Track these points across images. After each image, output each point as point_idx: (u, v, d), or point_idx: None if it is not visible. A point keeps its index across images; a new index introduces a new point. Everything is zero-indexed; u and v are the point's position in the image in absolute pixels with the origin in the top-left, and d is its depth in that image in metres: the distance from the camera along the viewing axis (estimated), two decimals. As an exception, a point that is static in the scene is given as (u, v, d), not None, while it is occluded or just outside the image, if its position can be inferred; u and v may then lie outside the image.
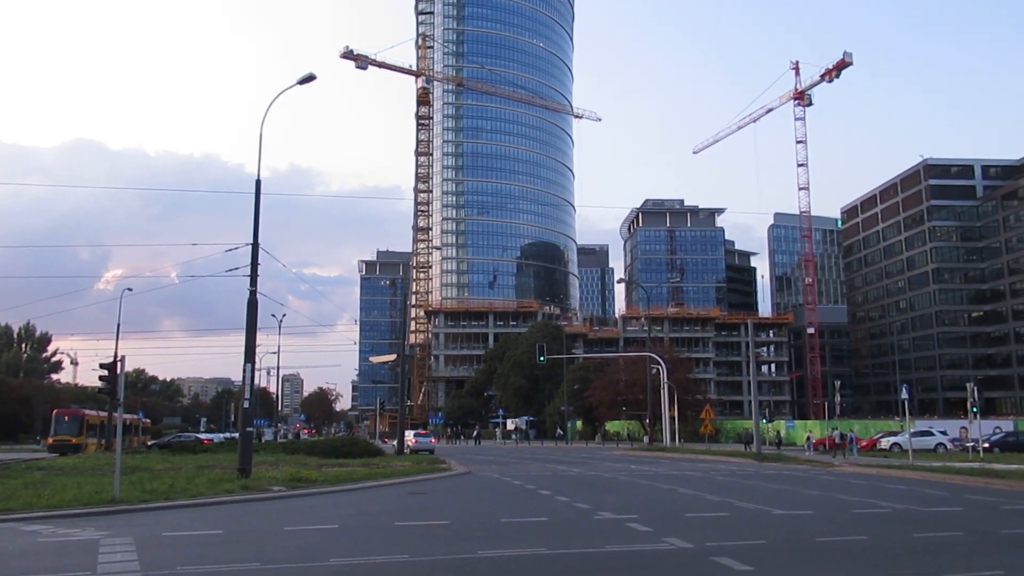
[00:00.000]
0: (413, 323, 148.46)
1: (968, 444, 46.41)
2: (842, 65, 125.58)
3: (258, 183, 25.88)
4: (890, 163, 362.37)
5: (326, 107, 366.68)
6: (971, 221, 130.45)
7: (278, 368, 71.55)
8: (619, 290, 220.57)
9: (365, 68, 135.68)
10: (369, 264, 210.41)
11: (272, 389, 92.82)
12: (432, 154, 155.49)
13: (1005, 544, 12.72)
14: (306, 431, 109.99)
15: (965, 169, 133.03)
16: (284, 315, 64.99)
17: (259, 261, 25.28)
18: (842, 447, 45.92)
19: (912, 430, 46.81)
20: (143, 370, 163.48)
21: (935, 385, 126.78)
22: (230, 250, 27.17)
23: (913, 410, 59.34)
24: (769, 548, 12.08)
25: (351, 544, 12.64)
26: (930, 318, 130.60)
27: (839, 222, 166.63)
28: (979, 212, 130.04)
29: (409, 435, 55.96)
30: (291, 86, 26.30)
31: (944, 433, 53.32)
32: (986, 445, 46.09)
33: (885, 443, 51.21)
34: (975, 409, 40.16)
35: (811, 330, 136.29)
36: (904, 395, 38.37)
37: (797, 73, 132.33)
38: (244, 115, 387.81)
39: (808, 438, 55.26)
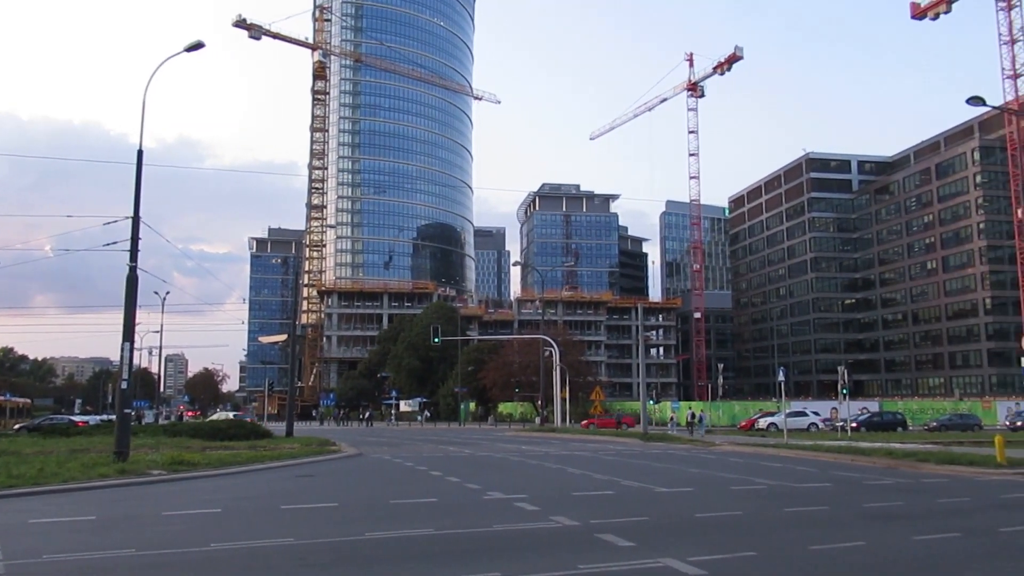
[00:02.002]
0: (305, 303, 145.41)
1: (838, 424, 49.34)
2: (733, 59, 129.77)
3: (140, 153, 24.69)
4: (776, 155, 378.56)
5: (218, 78, 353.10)
6: (847, 213, 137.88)
7: (160, 348, 68.85)
8: (515, 273, 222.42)
9: (259, 38, 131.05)
10: (260, 241, 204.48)
11: (154, 370, 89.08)
12: (328, 130, 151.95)
13: (867, 516, 13.56)
14: (190, 413, 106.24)
15: (843, 164, 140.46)
16: (168, 292, 62.47)
17: (140, 235, 24.15)
18: (691, 425, 51.13)
19: (788, 411, 49.33)
20: (11, 348, 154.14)
21: (810, 368, 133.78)
22: (109, 223, 25.89)
23: (789, 392, 62.74)
24: (651, 524, 12.48)
25: (234, 528, 12.31)
26: (807, 304, 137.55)
27: (727, 211, 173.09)
28: (854, 205, 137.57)
29: (228, 414, 60.91)
30: (178, 53, 25.14)
31: (817, 414, 56.34)
32: (854, 425, 49.23)
33: (763, 423, 53.78)
34: (845, 391, 42.61)
35: (698, 315, 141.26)
36: (781, 377, 40.38)
37: (691, 65, 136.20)
38: (129, 82, 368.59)
39: (672, 419, 58.51)
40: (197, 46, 25.01)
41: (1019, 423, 53.60)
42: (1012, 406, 65.00)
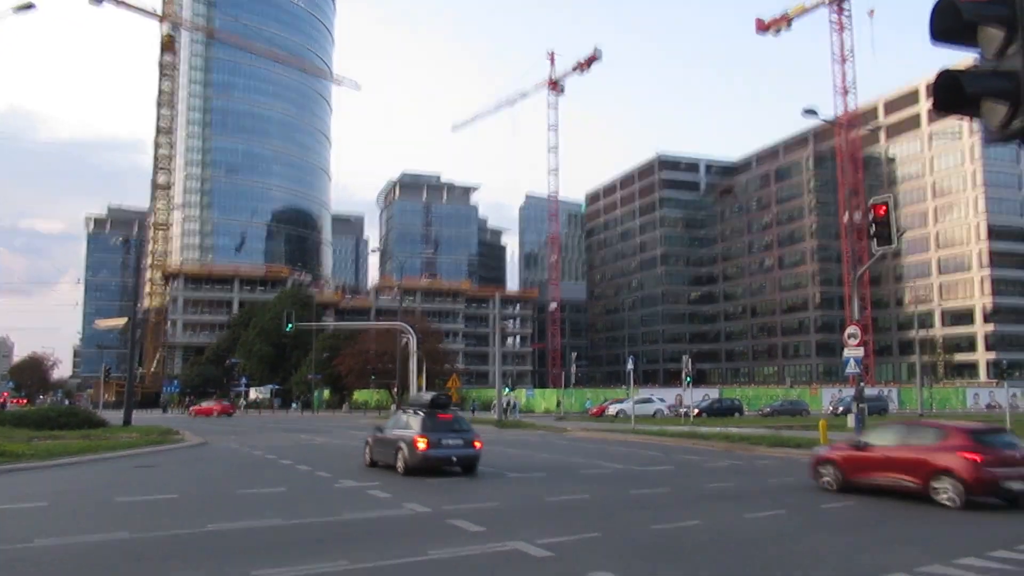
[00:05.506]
0: (149, 285, 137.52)
1: (682, 410, 51.86)
2: (593, 59, 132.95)
3: (-41, 118, 22.58)
4: (631, 154, 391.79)
5: (57, 44, 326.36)
6: (695, 212, 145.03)
7: (-18, 331, 63.22)
8: (373, 260, 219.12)
9: (100, 4, 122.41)
10: (99, 220, 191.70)
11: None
12: (177, 107, 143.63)
13: (704, 497, 14.36)
14: (15, 401, 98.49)
15: (692, 165, 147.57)
16: (-9, 272, 57.47)
17: (-42, 208, 22.11)
18: (506, 410, 53.45)
19: (636, 398, 51.33)
20: None
21: (658, 357, 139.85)
22: (-80, 193, 23.51)
23: (638, 380, 65.31)
24: (502, 509, 12.69)
25: (62, 523, 11.53)
26: (657, 297, 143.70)
27: (583, 206, 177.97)
28: (701, 204, 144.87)
29: None
30: (5, 14, 23.17)
31: (663, 400, 58.99)
32: (696, 411, 51.91)
33: (612, 410, 55.63)
34: (689, 379, 44.78)
35: (554, 305, 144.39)
36: (630, 366, 41.91)
37: (552, 62, 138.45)
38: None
39: (493, 405, 60.53)
40: (27, 7, 23.19)
41: (841, 408, 58.08)
42: (835, 393, 70.14)
